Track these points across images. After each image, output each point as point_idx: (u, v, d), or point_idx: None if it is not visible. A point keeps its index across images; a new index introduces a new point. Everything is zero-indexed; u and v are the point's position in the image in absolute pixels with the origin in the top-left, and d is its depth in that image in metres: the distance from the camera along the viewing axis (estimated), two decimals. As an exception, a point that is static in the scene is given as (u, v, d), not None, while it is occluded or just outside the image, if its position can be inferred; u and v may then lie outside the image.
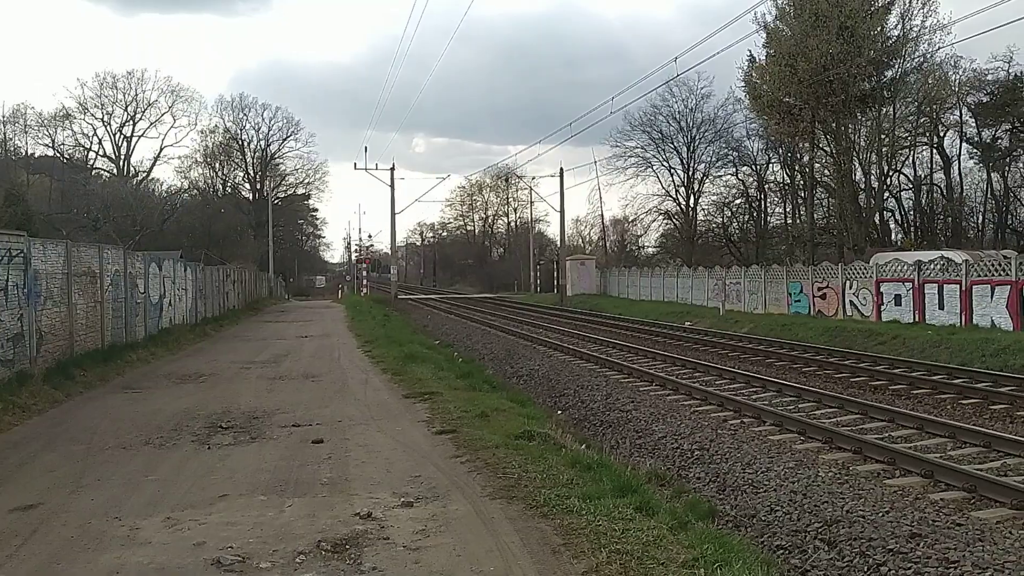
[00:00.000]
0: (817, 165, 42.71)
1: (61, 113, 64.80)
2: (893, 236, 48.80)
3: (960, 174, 48.90)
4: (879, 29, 37.62)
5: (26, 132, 63.01)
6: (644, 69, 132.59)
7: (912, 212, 50.51)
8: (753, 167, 56.37)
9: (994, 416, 13.05)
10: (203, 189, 70.35)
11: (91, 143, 67.42)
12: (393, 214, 50.76)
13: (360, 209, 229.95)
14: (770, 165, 55.32)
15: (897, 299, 25.68)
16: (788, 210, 54.74)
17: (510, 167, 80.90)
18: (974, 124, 47.19)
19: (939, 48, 37.74)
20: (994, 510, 8.07)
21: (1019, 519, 7.79)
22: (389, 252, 59.80)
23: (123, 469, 8.00)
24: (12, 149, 61.51)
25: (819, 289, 29.93)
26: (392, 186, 49.91)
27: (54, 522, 6.29)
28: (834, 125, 39.39)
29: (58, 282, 14.72)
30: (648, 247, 67.39)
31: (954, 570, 6.59)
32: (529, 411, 11.91)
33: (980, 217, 50.48)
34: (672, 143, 58.37)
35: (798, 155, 46.70)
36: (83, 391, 13.42)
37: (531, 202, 76.64)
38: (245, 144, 74.29)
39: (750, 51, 42.78)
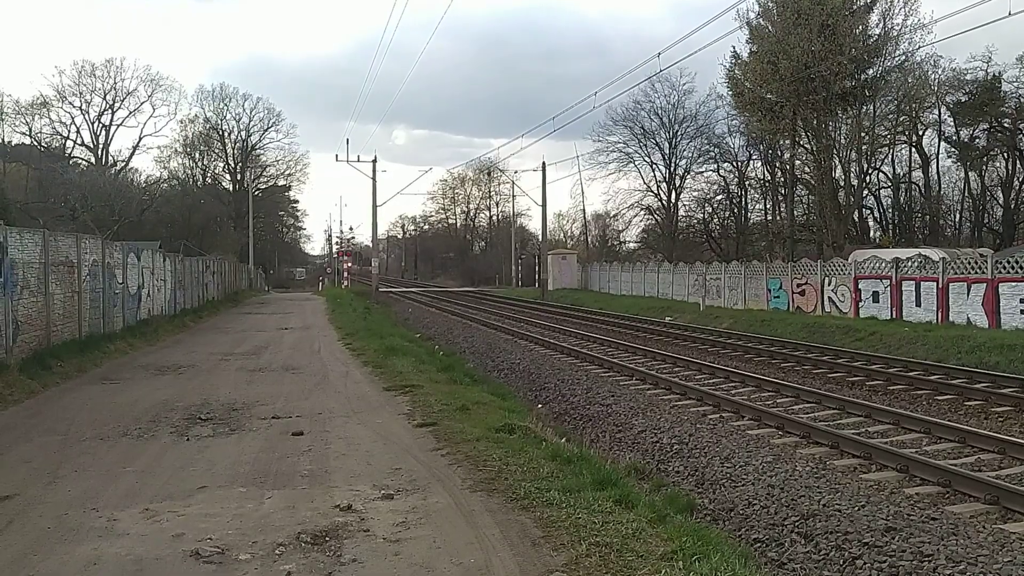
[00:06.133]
0: (798, 162, 43.00)
1: (38, 101, 63.75)
2: (872, 233, 49.25)
3: (938, 173, 49.50)
4: (860, 28, 37.96)
5: (2, 120, 61.79)
6: (625, 64, 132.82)
7: (891, 210, 50.95)
8: (734, 164, 56.70)
9: (969, 412, 13.22)
10: (183, 179, 69.84)
11: (69, 131, 66.41)
12: (375, 207, 50.42)
13: (341, 201, 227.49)
14: (751, 162, 55.62)
15: (875, 296, 25.92)
16: (768, 207, 55.07)
17: (492, 160, 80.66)
18: (952, 123, 47.60)
19: (919, 47, 38.20)
20: (968, 504, 8.19)
21: (992, 513, 7.91)
22: (370, 244, 59.40)
23: (101, 460, 7.93)
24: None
25: (798, 285, 30.14)
26: (374, 179, 49.56)
27: (30, 513, 6.23)
28: (815, 123, 39.69)
29: (35, 272, 14.56)
30: (629, 242, 67.48)
31: (928, 563, 6.67)
32: (510, 404, 11.95)
33: (957, 215, 51.03)
34: (654, 139, 58.59)
35: (779, 152, 46.95)
36: (60, 382, 13.28)
37: (513, 196, 76.25)
38: (225, 134, 73.77)
39: (734, 47, 43.04)
